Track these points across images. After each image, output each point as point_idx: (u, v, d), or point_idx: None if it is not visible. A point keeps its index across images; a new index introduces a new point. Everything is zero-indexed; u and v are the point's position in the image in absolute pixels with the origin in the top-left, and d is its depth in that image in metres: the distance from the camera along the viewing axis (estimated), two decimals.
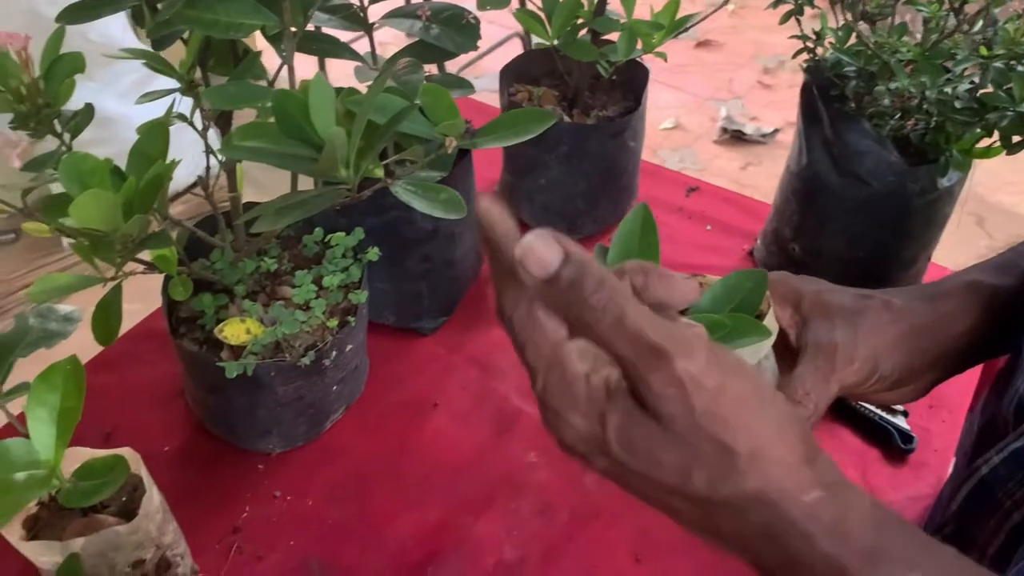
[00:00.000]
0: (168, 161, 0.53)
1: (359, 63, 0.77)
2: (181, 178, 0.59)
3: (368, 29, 0.77)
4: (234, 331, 0.67)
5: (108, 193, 0.45)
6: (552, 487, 0.75)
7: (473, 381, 0.84)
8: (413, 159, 0.58)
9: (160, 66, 0.57)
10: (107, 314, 0.57)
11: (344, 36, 0.72)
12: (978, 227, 2.33)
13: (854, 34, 0.74)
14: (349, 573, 0.69)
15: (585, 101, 0.94)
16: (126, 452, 0.62)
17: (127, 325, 0.72)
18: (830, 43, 0.75)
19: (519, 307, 0.36)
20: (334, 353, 0.68)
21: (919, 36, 0.75)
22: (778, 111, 2.79)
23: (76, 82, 0.51)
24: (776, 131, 2.69)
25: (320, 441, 0.77)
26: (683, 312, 0.45)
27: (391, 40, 0.81)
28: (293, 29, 0.58)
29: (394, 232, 0.80)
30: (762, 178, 2.55)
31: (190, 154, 0.75)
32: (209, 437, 0.77)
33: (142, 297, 0.80)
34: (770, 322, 0.47)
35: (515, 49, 2.36)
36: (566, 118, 0.92)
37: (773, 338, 0.47)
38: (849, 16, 0.74)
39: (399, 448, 0.78)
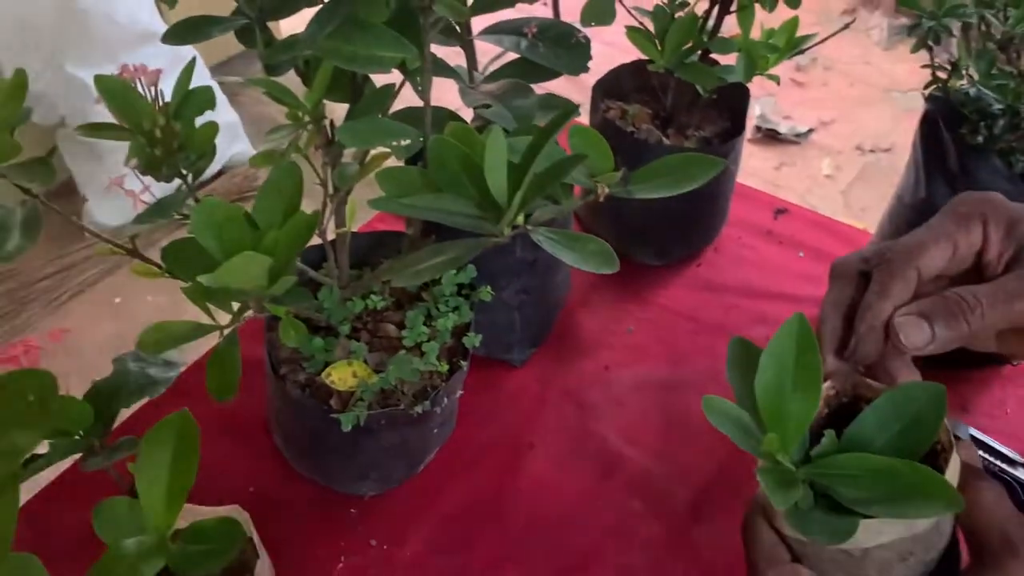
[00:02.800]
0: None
1: (459, 82, 0.72)
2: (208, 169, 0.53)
3: (467, 45, 0.72)
4: (342, 375, 0.62)
5: (261, 257, 0.41)
6: (661, 541, 0.71)
7: (569, 419, 0.79)
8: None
9: (286, 98, 0.52)
10: (224, 366, 0.53)
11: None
12: None
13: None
14: None
15: (681, 120, 0.89)
16: (235, 512, 0.58)
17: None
18: (969, 75, 0.70)
19: None
20: (445, 400, 0.64)
21: None
22: (811, 109, 2.74)
23: (218, 127, 0.46)
24: (810, 131, 2.64)
25: (414, 483, 0.73)
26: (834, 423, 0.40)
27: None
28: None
29: (491, 263, 0.75)
30: (796, 179, 2.50)
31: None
32: (298, 478, 0.72)
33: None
34: (953, 471, 0.37)
35: None
36: (664, 139, 0.87)
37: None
38: (989, 44, 0.70)
39: (497, 492, 0.73)
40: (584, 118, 0.94)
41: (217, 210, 0.45)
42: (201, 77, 1.43)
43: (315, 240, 0.58)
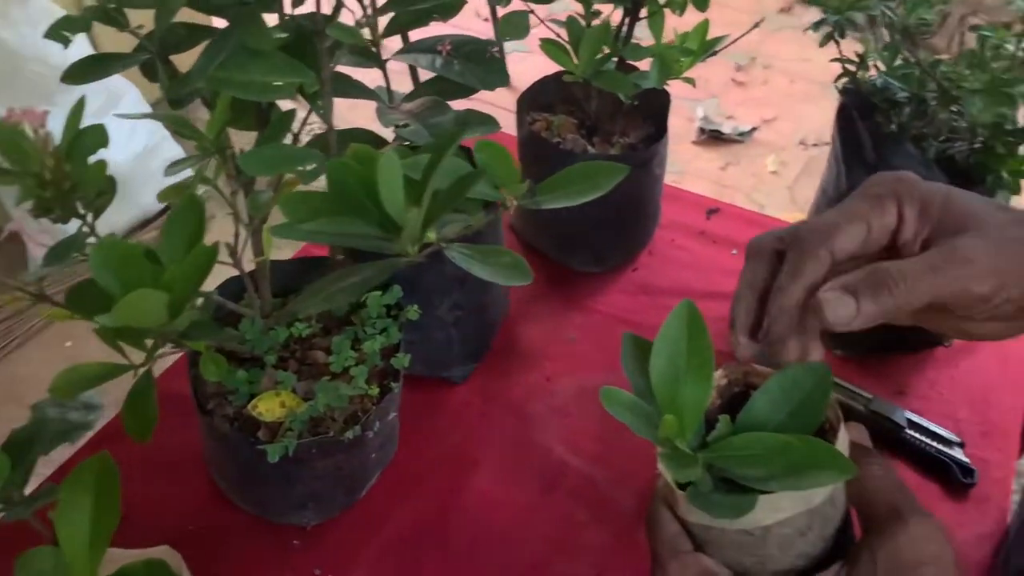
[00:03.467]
0: (143, 185, 0.47)
1: (377, 103, 0.72)
2: (154, 203, 0.52)
3: (382, 65, 0.72)
4: (269, 406, 0.62)
5: (156, 293, 0.40)
6: (607, 548, 0.71)
7: (511, 432, 0.79)
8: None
9: (186, 130, 0.51)
10: (141, 405, 0.52)
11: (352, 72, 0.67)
12: None
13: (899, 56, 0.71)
14: None
15: (605, 128, 0.90)
16: (164, 553, 0.57)
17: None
18: (876, 66, 0.71)
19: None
20: (377, 424, 0.64)
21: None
22: (753, 108, 2.78)
23: (106, 164, 0.45)
24: (754, 129, 2.67)
25: (357, 509, 0.72)
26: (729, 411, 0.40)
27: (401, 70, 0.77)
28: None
29: (422, 281, 0.75)
30: (742, 178, 2.53)
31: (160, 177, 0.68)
32: (237, 512, 0.71)
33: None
34: (842, 444, 0.38)
35: None
36: (589, 148, 0.88)
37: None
38: (895, 36, 0.71)
39: (442, 512, 0.73)
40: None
41: (115, 249, 0.45)
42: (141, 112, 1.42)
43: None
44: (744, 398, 0.40)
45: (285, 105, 0.58)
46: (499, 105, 1.13)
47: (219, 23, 0.52)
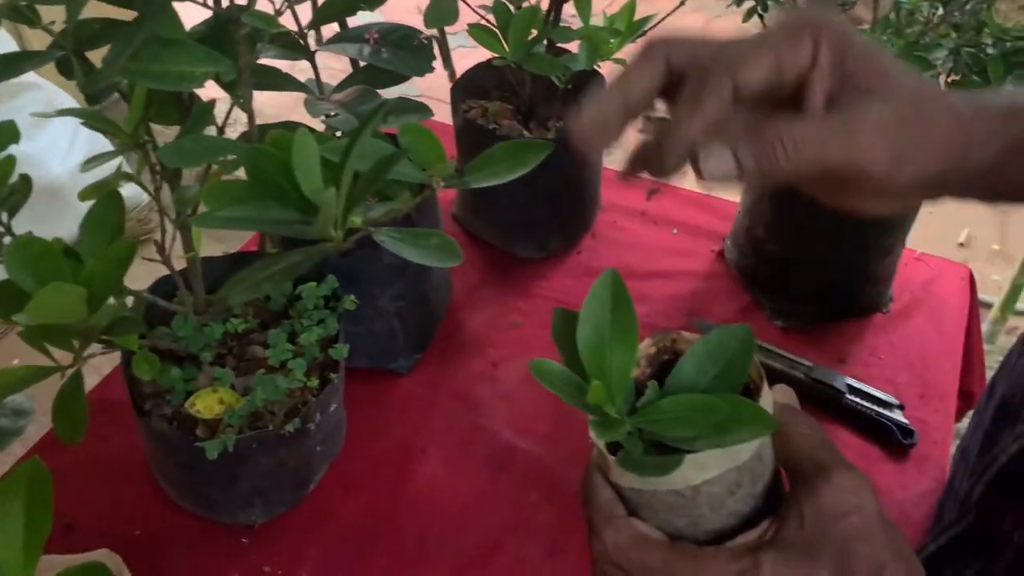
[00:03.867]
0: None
1: (307, 94, 0.72)
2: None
3: (310, 56, 0.72)
4: (206, 403, 0.61)
5: (72, 286, 0.40)
6: (558, 526, 0.71)
7: (459, 419, 0.79)
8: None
9: (102, 124, 0.51)
10: (70, 407, 0.51)
11: (283, 65, 0.67)
12: (952, 207, 2.36)
13: None
14: None
15: (541, 113, 0.90)
16: (103, 556, 0.56)
17: None
18: None
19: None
20: (318, 415, 0.63)
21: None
22: None
23: (15, 160, 0.44)
24: None
25: (305, 505, 0.72)
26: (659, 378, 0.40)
27: (337, 65, 0.76)
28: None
29: (361, 272, 0.75)
30: None
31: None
32: (184, 514, 0.70)
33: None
34: (766, 402, 0.39)
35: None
36: (525, 133, 0.88)
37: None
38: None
39: (392, 502, 0.73)
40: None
41: (31, 246, 0.44)
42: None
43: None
44: (673, 365, 0.40)
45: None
46: (436, 97, 1.13)
47: None
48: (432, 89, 2.63)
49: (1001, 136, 0.42)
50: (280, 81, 0.67)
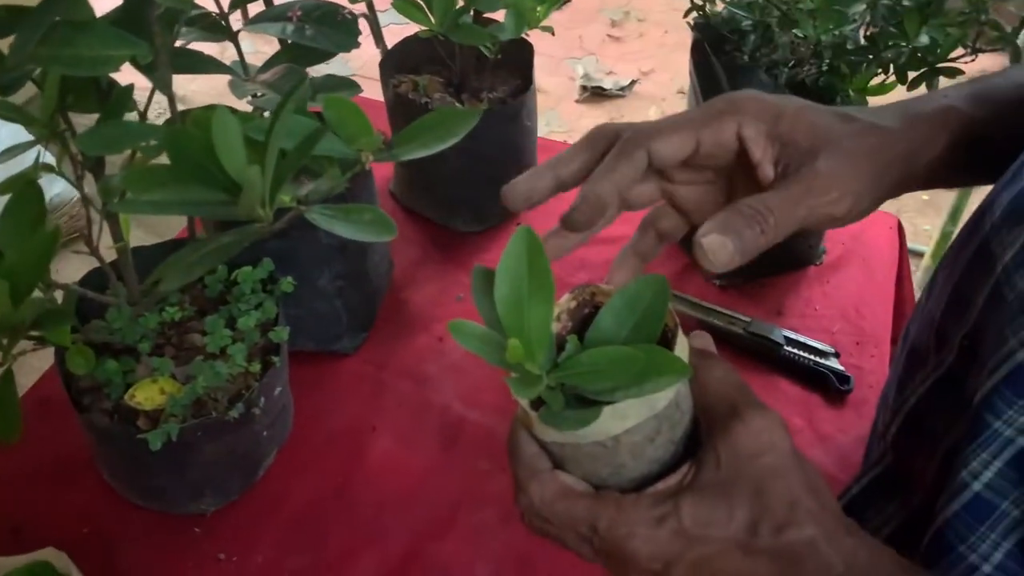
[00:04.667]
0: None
1: (233, 76, 0.71)
2: None
3: (233, 37, 0.70)
4: (147, 394, 0.60)
5: None
6: (511, 494, 0.72)
7: (408, 396, 0.79)
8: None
9: (13, 115, 0.49)
10: (3, 406, 0.50)
11: (213, 49, 0.66)
12: None
13: None
14: None
15: (472, 85, 0.90)
16: (50, 554, 0.55)
17: None
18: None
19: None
20: (263, 400, 0.63)
21: None
22: (631, 62, 2.82)
23: None
24: (633, 82, 2.71)
25: (256, 490, 0.71)
26: (580, 332, 0.41)
27: (268, 48, 0.74)
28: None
29: (299, 253, 0.74)
30: None
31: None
32: (133, 509, 0.69)
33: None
34: (681, 349, 0.40)
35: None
36: (457, 105, 0.87)
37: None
38: None
39: (344, 482, 0.73)
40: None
41: None
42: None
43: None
44: (593, 319, 0.40)
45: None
46: (370, 76, 1.12)
47: None
48: (366, 68, 2.60)
49: (940, 136, 0.47)
50: (201, 63, 0.66)
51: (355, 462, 0.74)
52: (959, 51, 0.70)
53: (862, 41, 0.76)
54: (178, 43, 0.64)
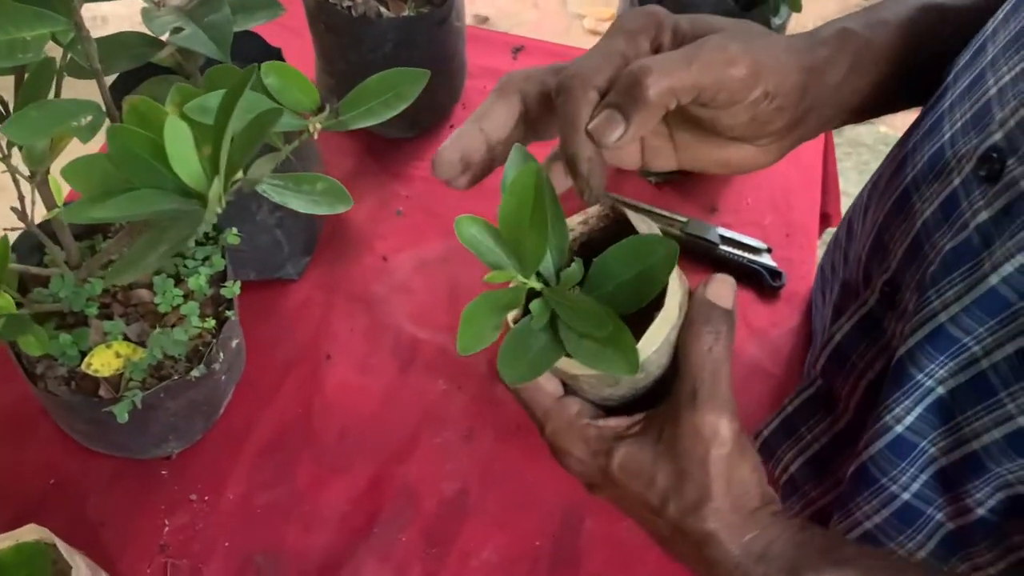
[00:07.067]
0: None
1: (144, 4, 0.66)
2: None
3: None
4: (103, 360, 0.60)
5: None
6: (470, 411, 0.75)
7: (359, 319, 0.80)
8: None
9: None
10: None
11: None
12: None
13: None
14: (297, 558, 0.67)
15: None
16: (33, 531, 0.56)
17: None
18: None
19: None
20: (221, 355, 0.63)
21: None
22: None
23: None
24: None
25: (218, 428, 0.72)
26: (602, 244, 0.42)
27: None
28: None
29: None
30: (549, 20, 2.46)
31: None
32: (97, 456, 0.70)
33: None
34: (667, 318, 0.40)
35: None
36: (382, 10, 0.83)
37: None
38: None
39: (305, 413, 0.74)
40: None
41: None
42: None
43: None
44: (614, 229, 0.42)
45: None
46: None
47: None
48: None
49: (841, 58, 0.47)
50: None
51: (313, 391, 0.75)
52: None
53: None
54: None
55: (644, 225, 0.42)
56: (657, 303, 0.40)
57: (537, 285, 0.41)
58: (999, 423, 0.42)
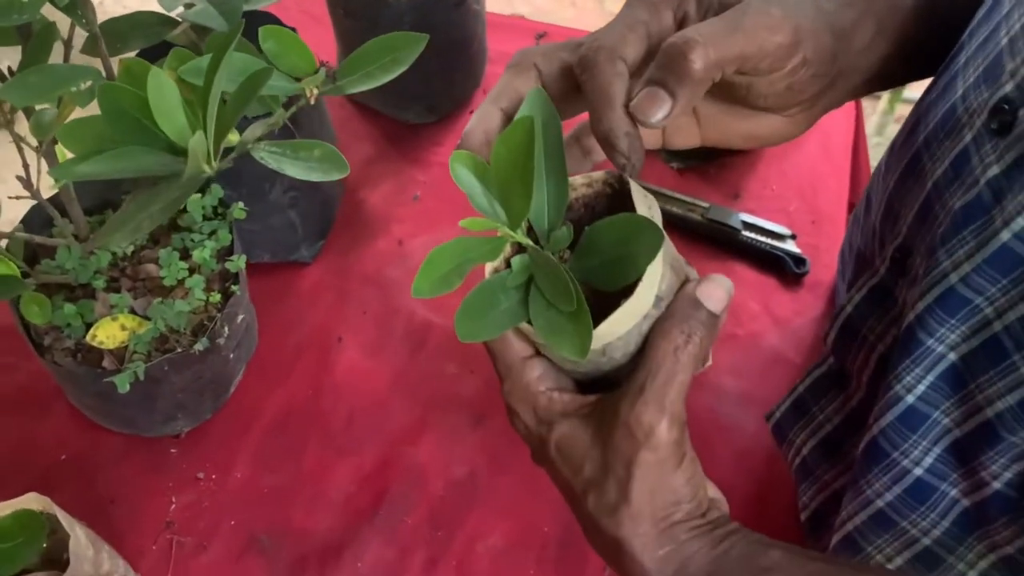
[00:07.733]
0: None
1: None
2: None
3: None
4: (108, 332, 0.60)
5: None
6: (480, 395, 0.74)
7: (372, 302, 0.79)
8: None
9: None
10: None
11: None
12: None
13: None
14: (302, 538, 0.67)
15: None
16: (32, 500, 0.56)
17: None
18: None
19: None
20: (226, 329, 0.63)
21: None
22: None
23: None
24: None
25: (228, 407, 0.72)
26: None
27: None
28: None
29: (245, 169, 0.71)
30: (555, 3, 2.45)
31: None
32: (107, 433, 0.70)
33: None
34: (642, 299, 0.38)
35: None
36: None
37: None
38: None
39: (314, 394, 0.74)
40: None
41: None
42: None
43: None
44: (619, 200, 0.41)
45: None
46: None
47: None
48: None
49: (869, 20, 0.45)
50: None
51: (324, 373, 0.75)
52: None
53: None
54: None
55: (644, 204, 0.40)
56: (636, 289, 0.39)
57: (524, 240, 0.39)
58: (1012, 388, 0.40)
